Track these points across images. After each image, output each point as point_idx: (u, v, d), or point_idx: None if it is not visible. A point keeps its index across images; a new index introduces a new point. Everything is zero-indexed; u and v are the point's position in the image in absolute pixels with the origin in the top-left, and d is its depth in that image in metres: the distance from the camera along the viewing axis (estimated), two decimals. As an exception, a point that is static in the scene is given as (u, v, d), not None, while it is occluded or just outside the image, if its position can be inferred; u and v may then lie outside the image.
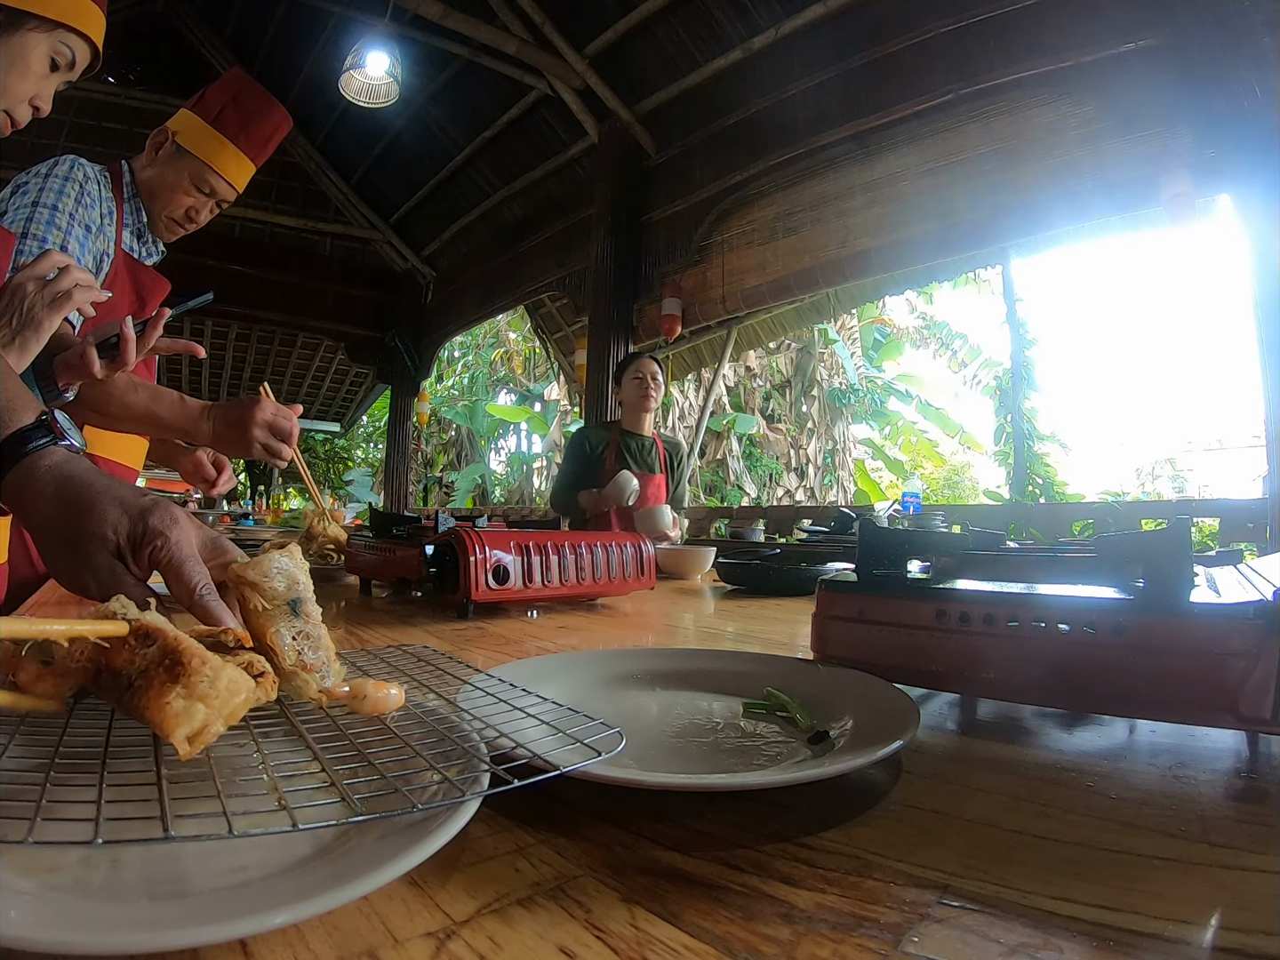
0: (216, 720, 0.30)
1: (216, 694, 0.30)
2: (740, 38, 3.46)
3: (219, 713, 0.30)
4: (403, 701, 0.39)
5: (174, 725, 0.28)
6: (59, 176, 1.19)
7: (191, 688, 0.29)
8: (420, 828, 0.27)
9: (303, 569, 0.42)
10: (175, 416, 1.11)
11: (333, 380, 8.31)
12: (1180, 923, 0.25)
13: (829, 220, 3.29)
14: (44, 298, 0.80)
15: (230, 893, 0.25)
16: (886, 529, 0.62)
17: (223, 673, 0.30)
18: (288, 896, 0.23)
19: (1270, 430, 2.26)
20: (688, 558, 1.52)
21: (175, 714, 0.29)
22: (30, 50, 0.91)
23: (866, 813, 0.34)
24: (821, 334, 10.42)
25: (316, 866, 0.26)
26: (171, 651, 0.30)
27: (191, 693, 0.29)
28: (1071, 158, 2.56)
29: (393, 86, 3.68)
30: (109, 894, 0.25)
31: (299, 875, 0.26)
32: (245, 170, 1.38)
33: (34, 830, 0.23)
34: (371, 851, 0.26)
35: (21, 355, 0.80)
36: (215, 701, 0.30)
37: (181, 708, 0.29)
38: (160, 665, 0.30)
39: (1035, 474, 8.18)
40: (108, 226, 1.28)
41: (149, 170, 1.35)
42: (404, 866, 0.24)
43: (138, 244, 1.38)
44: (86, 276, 0.84)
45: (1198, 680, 0.38)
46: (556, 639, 0.78)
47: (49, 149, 4.73)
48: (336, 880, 0.23)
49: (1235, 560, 0.57)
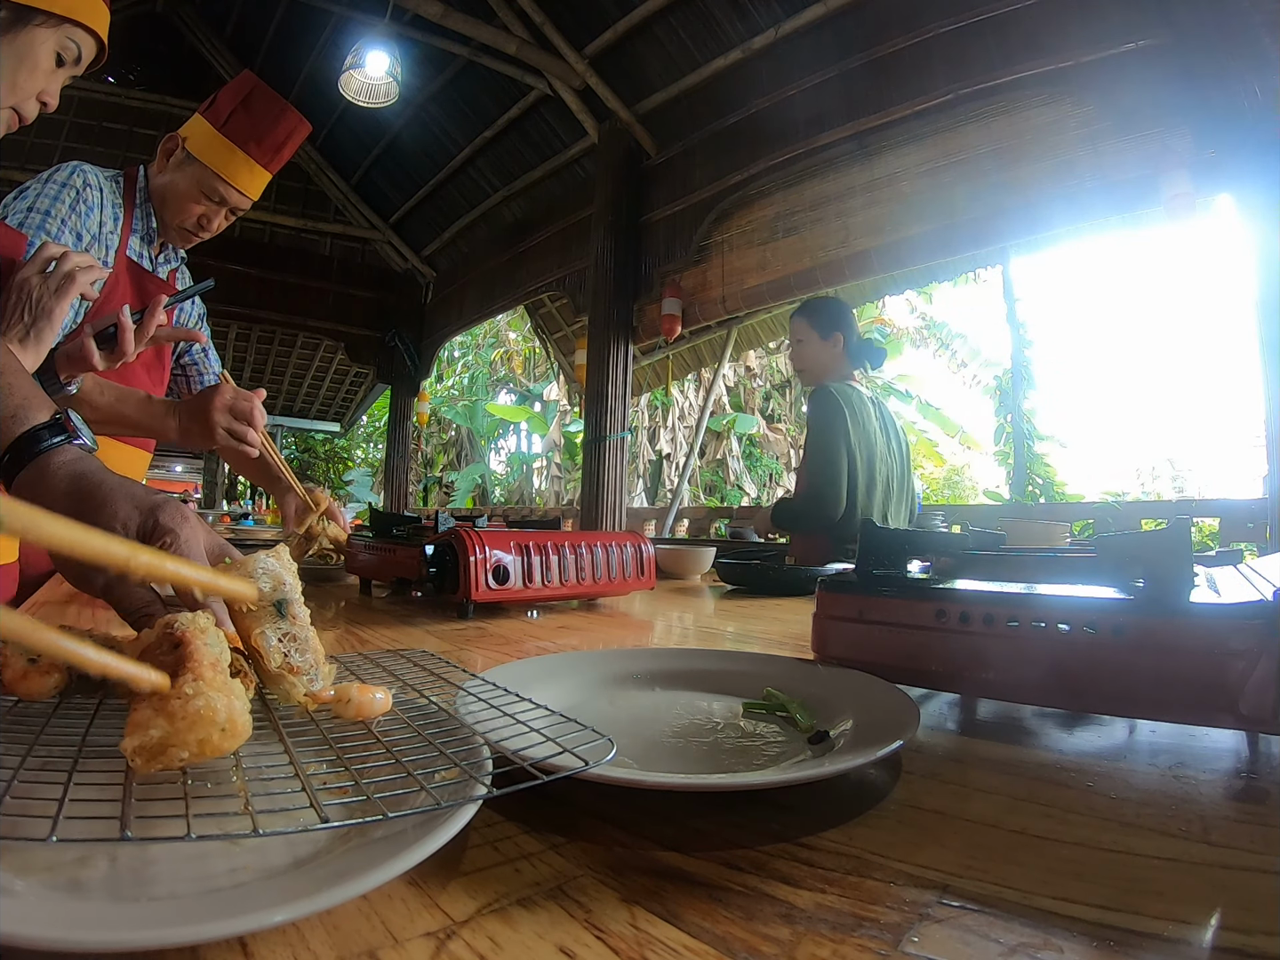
0: (179, 744, 0.28)
1: (184, 715, 0.28)
2: (740, 38, 3.46)
3: (181, 736, 0.28)
4: (389, 706, 0.39)
5: (127, 732, 0.27)
6: (56, 182, 1.18)
7: (163, 703, 0.28)
8: (402, 836, 0.27)
9: (290, 570, 0.41)
10: (142, 415, 1.13)
11: (333, 380, 8.30)
12: (1180, 923, 0.25)
13: (829, 220, 3.29)
14: (49, 287, 0.81)
15: (229, 892, 0.25)
16: (886, 529, 0.62)
17: (202, 696, 0.28)
18: (288, 894, 0.23)
19: (1270, 430, 2.26)
20: (687, 558, 1.52)
21: (135, 722, 0.28)
22: (38, 46, 0.91)
23: (866, 813, 0.34)
24: (822, 334, 10.40)
25: (316, 866, 0.26)
26: (179, 663, 0.30)
27: (160, 708, 0.28)
28: (1071, 158, 2.56)
29: (392, 86, 3.67)
30: (109, 893, 0.25)
31: (298, 874, 0.26)
32: (258, 178, 1.34)
33: (57, 828, 0.23)
34: (363, 855, 0.26)
35: (39, 346, 0.81)
36: (179, 723, 0.28)
37: (142, 719, 0.28)
38: (164, 674, 0.29)
39: (1035, 474, 8.18)
40: (110, 234, 1.27)
41: (161, 178, 1.33)
42: (375, 880, 0.23)
43: (147, 250, 1.36)
44: (85, 257, 0.85)
45: (1198, 680, 0.38)
46: (556, 639, 0.78)
47: (49, 149, 4.75)
48: (337, 879, 0.23)
49: (1235, 560, 0.57)
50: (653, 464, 10.61)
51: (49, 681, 0.37)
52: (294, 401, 8.36)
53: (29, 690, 0.37)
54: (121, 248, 1.30)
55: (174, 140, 1.32)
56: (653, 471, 10.56)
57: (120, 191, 1.31)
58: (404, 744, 0.35)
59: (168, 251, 1.41)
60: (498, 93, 4.50)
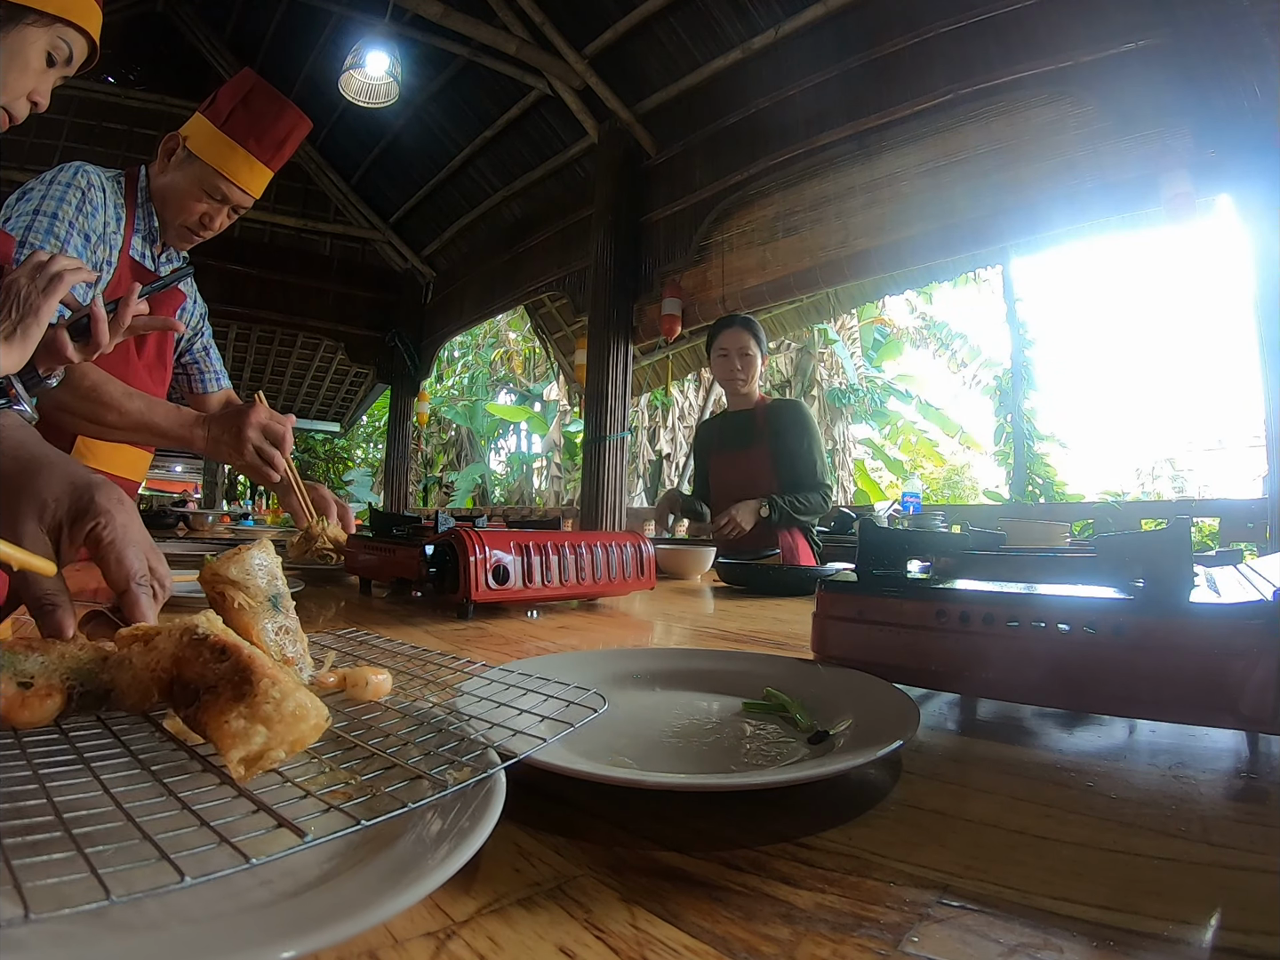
0: (278, 746, 0.28)
1: (280, 718, 0.28)
2: (740, 38, 3.46)
3: (282, 738, 0.28)
4: (390, 687, 0.39)
5: (229, 745, 0.28)
6: (61, 184, 1.18)
7: (255, 709, 0.28)
8: (419, 849, 0.26)
9: (278, 563, 0.42)
10: (172, 424, 1.12)
11: (333, 380, 8.30)
12: (1180, 923, 0.25)
13: (829, 220, 3.29)
14: (37, 286, 0.82)
15: (252, 914, 0.24)
16: (886, 529, 0.62)
17: (291, 697, 0.29)
18: (300, 924, 0.22)
19: (1270, 430, 2.26)
20: (688, 558, 1.52)
21: (233, 734, 0.28)
22: (29, 45, 0.91)
23: (866, 813, 0.34)
24: (821, 334, 10.41)
25: (337, 885, 0.25)
26: (243, 669, 0.29)
27: (254, 714, 0.28)
28: (1071, 158, 2.56)
29: (392, 86, 3.67)
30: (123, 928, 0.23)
31: (318, 896, 0.25)
32: (259, 176, 1.33)
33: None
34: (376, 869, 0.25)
35: (24, 343, 0.81)
36: (278, 726, 0.28)
37: (240, 729, 0.28)
38: (229, 682, 0.29)
39: (1035, 474, 8.18)
40: (112, 234, 1.27)
41: (162, 177, 1.32)
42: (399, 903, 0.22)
43: (149, 250, 1.36)
44: (74, 260, 0.85)
45: (1198, 680, 0.38)
46: (556, 639, 0.78)
47: (49, 149, 4.75)
48: (357, 902, 0.22)
49: (1235, 560, 0.57)
50: (653, 464, 10.61)
51: (49, 706, 0.34)
52: (294, 401, 8.35)
53: (29, 719, 0.33)
54: (124, 248, 1.30)
55: (174, 139, 1.31)
56: (653, 471, 10.56)
57: (122, 192, 1.30)
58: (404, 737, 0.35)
59: (169, 251, 1.41)
60: (498, 93, 4.50)
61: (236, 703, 0.28)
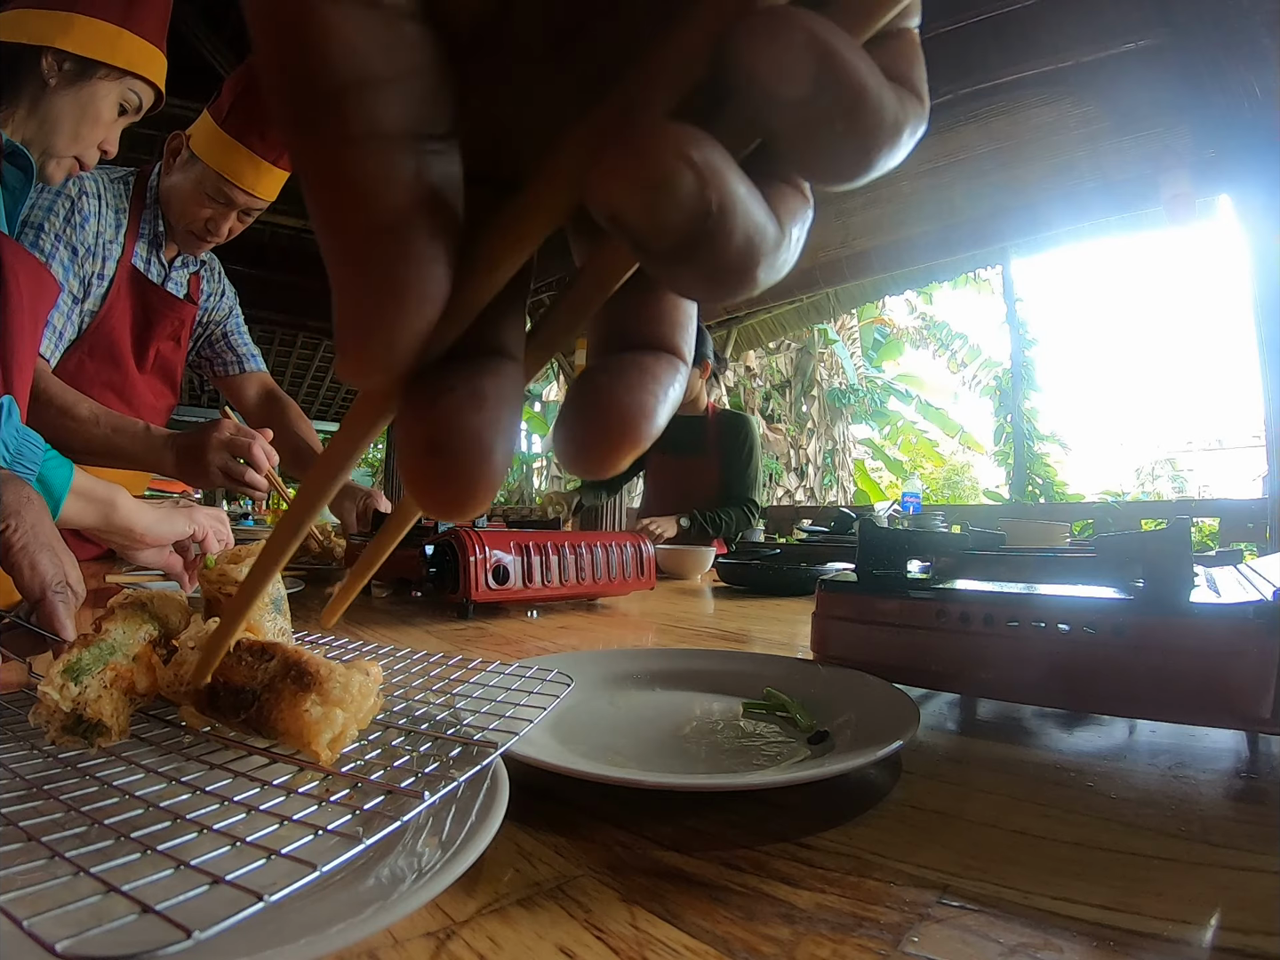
0: (353, 725, 0.30)
1: (351, 698, 0.30)
2: (740, 38, 3.46)
3: (354, 716, 0.30)
4: (381, 678, 0.39)
5: (315, 733, 0.29)
6: (50, 192, 1.13)
7: (326, 694, 0.29)
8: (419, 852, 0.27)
9: None
10: (139, 449, 1.07)
11: (333, 380, 8.30)
12: (1180, 923, 0.25)
13: (829, 220, 3.28)
14: None
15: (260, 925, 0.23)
16: (886, 529, 0.62)
17: (351, 678, 0.30)
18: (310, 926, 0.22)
19: (1270, 430, 2.26)
20: (688, 558, 1.52)
21: (315, 721, 0.29)
22: (101, 99, 0.93)
23: (866, 813, 0.34)
24: (821, 334, 10.41)
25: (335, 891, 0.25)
26: (295, 663, 0.31)
27: (327, 699, 0.29)
28: (1071, 158, 2.56)
29: (393, 86, 3.67)
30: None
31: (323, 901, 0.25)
32: (267, 176, 1.22)
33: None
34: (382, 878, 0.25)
35: None
36: (351, 706, 0.30)
37: (320, 714, 0.29)
38: (286, 678, 0.30)
39: (1035, 474, 8.17)
40: (109, 243, 1.21)
41: (167, 179, 1.26)
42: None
43: (156, 255, 1.31)
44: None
45: (1198, 680, 0.38)
46: (556, 639, 0.78)
47: (49, 149, 4.75)
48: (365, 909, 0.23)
49: (1235, 560, 0.57)
50: (652, 464, 10.61)
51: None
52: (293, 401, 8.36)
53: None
54: (125, 256, 1.25)
55: (179, 139, 1.26)
56: (652, 471, 10.56)
57: (128, 194, 1.25)
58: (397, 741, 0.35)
59: (184, 256, 1.35)
60: (498, 93, 4.50)
61: (307, 692, 0.29)
